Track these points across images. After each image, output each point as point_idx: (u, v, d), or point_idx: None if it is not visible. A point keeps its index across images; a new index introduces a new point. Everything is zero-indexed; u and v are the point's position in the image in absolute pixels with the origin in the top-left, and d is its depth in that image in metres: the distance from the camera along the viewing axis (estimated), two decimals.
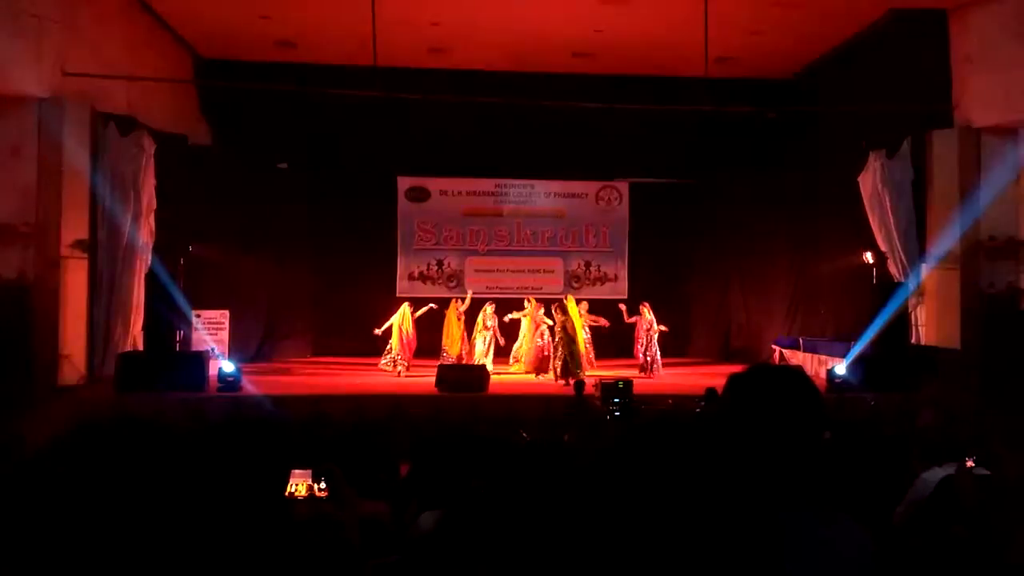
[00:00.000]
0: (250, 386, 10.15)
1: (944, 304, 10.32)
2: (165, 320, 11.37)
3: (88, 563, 2.91)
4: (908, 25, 10.88)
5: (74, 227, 9.93)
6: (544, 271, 15.76)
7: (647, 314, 12.78)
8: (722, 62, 12.32)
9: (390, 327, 12.51)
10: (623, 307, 13.15)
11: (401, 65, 13.04)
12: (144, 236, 10.74)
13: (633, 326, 12.98)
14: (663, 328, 12.74)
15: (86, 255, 10.10)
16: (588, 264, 15.88)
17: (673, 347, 14.96)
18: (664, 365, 12.86)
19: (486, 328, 12.75)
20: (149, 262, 10.90)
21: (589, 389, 9.57)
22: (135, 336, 10.74)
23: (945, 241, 10.15)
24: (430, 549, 3.00)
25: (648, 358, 12.62)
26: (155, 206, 10.92)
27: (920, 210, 10.78)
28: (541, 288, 15.13)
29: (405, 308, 12.68)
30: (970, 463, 4.05)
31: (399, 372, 12.25)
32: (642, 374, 12.27)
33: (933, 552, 3.19)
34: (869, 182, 11.27)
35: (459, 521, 3.00)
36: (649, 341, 12.63)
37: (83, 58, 10.05)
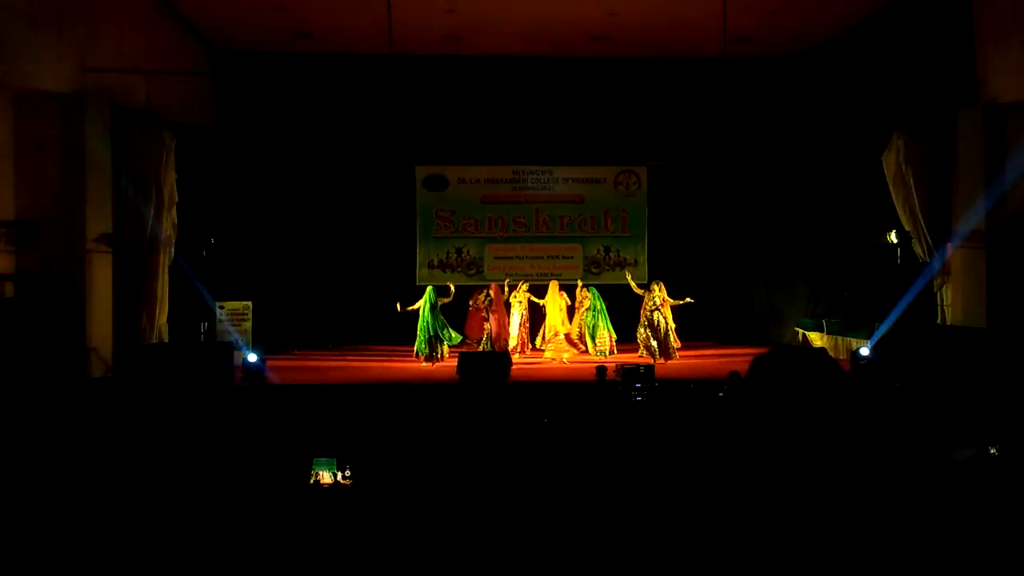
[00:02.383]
0: (274, 376, 10.25)
1: (970, 283, 10.18)
2: (189, 312, 11.50)
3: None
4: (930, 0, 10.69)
5: (98, 221, 10.06)
6: (563, 257, 15.74)
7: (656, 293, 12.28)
8: (739, 43, 12.17)
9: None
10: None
11: (417, 53, 13.03)
12: (167, 229, 10.86)
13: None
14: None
15: (110, 249, 10.24)
16: (607, 249, 15.83)
17: (695, 331, 14.91)
18: (686, 349, 12.77)
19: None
20: (172, 255, 11.02)
21: (610, 374, 9.57)
22: (160, 328, 10.88)
23: (971, 219, 9.99)
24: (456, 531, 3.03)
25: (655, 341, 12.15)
26: (177, 199, 11.03)
27: (945, 188, 10.62)
28: (560, 274, 15.12)
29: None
30: (992, 449, 4.01)
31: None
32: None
33: (962, 531, 3.16)
34: (892, 161, 11.12)
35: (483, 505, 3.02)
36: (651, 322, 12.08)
37: (103, 54, 10.14)
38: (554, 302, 12.72)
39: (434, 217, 15.68)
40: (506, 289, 12.85)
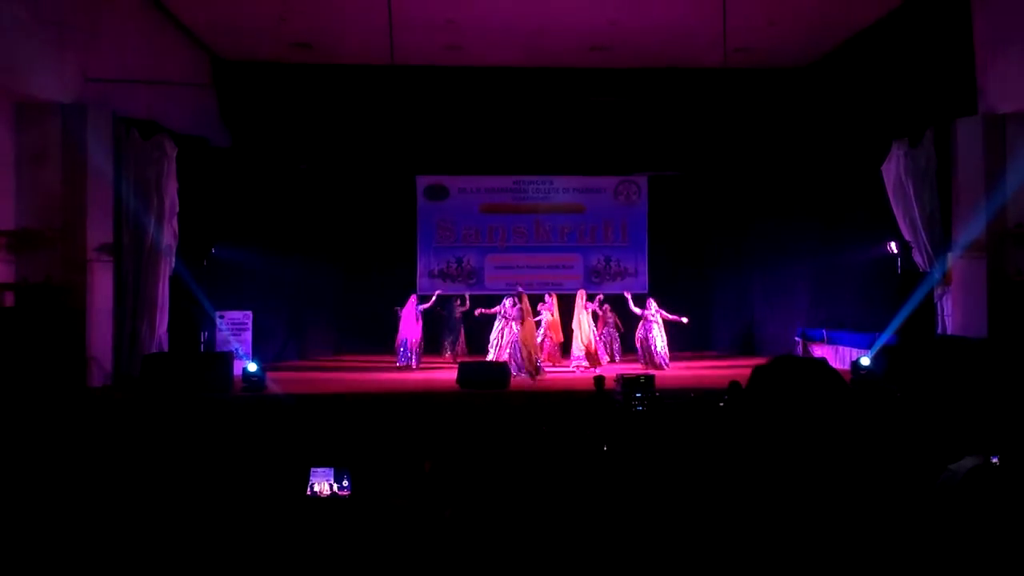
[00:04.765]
0: (274, 386, 10.23)
1: (971, 293, 10.17)
2: (190, 321, 11.49)
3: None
4: (929, 9, 10.71)
5: (99, 231, 10.07)
6: (564, 267, 15.74)
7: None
8: (739, 52, 12.20)
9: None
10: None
11: (418, 63, 13.06)
12: (168, 238, 10.87)
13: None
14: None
15: (111, 258, 10.24)
16: (608, 259, 15.84)
17: (695, 341, 14.89)
18: (686, 359, 12.75)
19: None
20: (173, 264, 11.03)
21: (610, 383, 9.55)
22: (160, 337, 10.87)
23: (971, 229, 9.99)
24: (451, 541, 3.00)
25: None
26: (178, 208, 11.04)
27: (945, 198, 10.63)
28: (561, 284, 15.12)
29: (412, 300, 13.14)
30: (995, 459, 3.99)
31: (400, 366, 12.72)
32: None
33: (966, 543, 3.14)
34: (892, 171, 11.13)
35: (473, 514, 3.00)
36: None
37: (104, 63, 10.18)
38: (583, 314, 12.79)
39: (434, 226, 15.69)
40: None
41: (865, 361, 10.34)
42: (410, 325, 12.83)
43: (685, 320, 12.78)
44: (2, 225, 9.42)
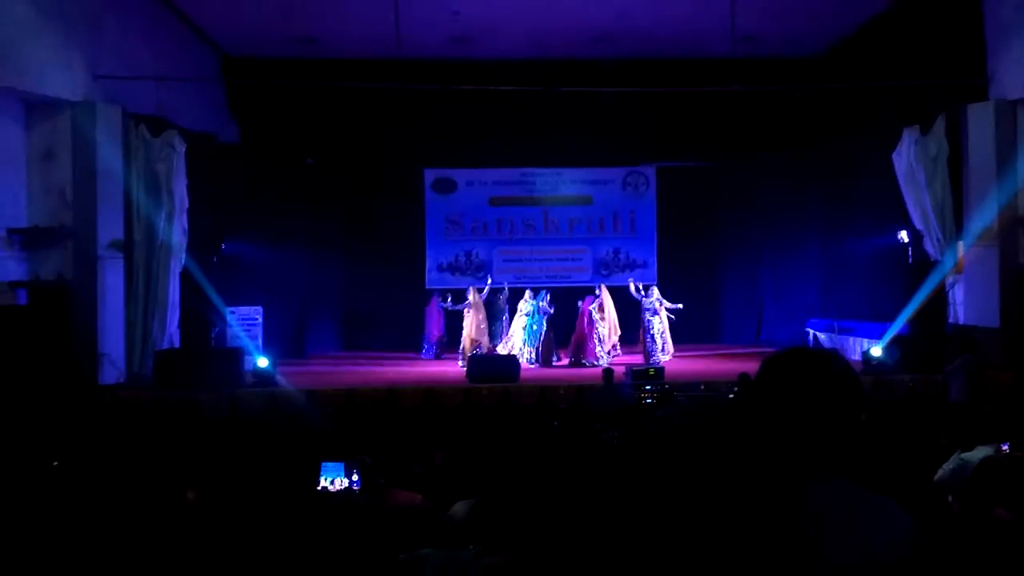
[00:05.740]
0: (285, 381, 10.27)
1: (982, 281, 10.10)
2: (200, 317, 11.54)
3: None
4: None
5: (110, 228, 10.12)
6: (573, 259, 15.72)
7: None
8: (748, 41, 12.12)
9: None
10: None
11: (424, 57, 13.04)
12: (178, 235, 10.91)
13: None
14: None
15: (122, 255, 10.29)
16: (617, 251, 15.81)
17: (705, 332, 14.86)
18: (696, 351, 12.64)
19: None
20: (183, 260, 11.07)
21: (619, 376, 9.54)
22: (171, 334, 10.92)
23: (982, 217, 9.92)
24: (462, 537, 3.02)
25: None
26: (187, 205, 11.07)
27: (956, 186, 10.55)
28: (569, 276, 15.10)
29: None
30: (1006, 446, 3.97)
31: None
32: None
33: (975, 534, 3.14)
34: (903, 159, 11.05)
35: (490, 509, 3.01)
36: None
37: (113, 61, 10.22)
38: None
39: (443, 220, 15.69)
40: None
41: (876, 351, 10.29)
42: (432, 321, 13.56)
43: (680, 306, 12.58)
44: (14, 223, 9.48)
